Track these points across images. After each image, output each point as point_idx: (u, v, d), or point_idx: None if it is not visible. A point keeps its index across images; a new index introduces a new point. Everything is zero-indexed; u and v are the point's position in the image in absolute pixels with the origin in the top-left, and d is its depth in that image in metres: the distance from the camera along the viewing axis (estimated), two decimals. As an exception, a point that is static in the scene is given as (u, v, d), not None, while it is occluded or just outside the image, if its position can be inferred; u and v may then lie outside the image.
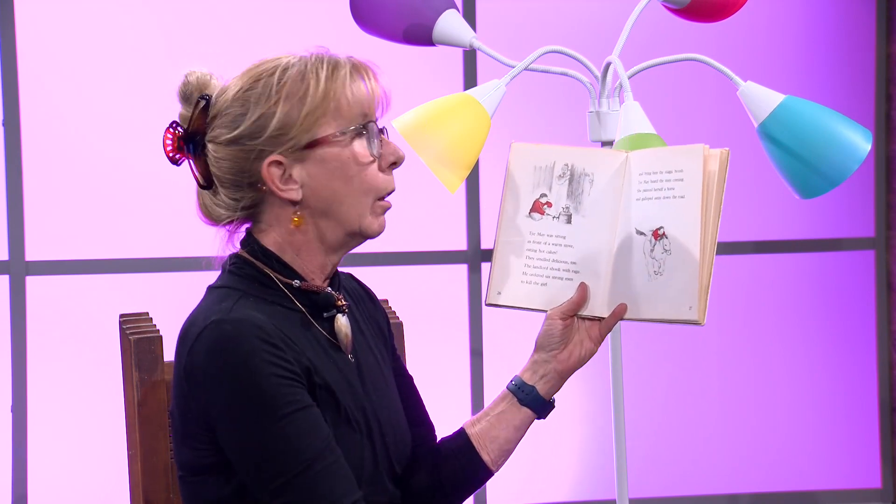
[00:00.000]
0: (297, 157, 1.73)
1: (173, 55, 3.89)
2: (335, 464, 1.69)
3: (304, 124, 1.72)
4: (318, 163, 1.73)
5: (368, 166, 1.75)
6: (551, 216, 1.89)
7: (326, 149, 1.73)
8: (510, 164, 1.92)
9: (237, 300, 1.72)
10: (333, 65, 1.74)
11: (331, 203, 1.74)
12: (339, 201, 1.74)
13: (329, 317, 1.79)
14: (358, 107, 1.74)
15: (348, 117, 1.74)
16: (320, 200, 1.74)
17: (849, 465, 4.31)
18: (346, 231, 1.76)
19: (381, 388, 1.84)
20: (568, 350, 1.85)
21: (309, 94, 1.72)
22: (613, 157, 1.88)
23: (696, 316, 1.77)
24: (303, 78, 1.73)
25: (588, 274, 1.85)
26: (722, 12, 2.53)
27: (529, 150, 1.92)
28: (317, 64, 1.74)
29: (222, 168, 1.75)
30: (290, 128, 1.72)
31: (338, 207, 1.74)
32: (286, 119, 1.72)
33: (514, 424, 1.87)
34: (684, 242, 1.78)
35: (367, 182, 1.75)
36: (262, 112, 1.72)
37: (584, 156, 1.89)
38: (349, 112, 1.74)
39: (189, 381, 1.70)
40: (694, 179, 1.78)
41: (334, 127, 1.73)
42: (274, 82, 1.73)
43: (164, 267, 3.92)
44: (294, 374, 1.68)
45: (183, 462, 1.76)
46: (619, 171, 1.86)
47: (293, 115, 1.72)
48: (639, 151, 1.87)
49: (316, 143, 1.73)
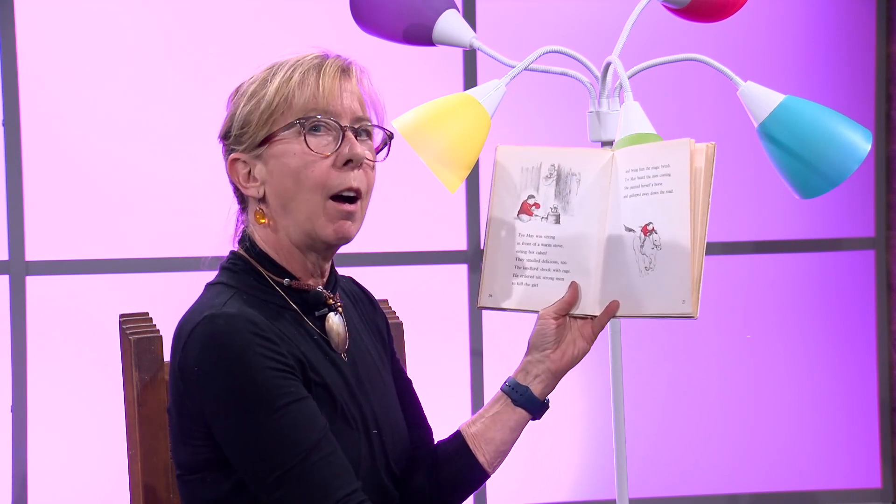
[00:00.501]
0: (256, 155, 1.76)
1: (173, 55, 3.89)
2: (332, 454, 1.69)
3: (260, 121, 1.75)
4: (272, 159, 1.76)
5: (316, 163, 1.74)
6: (540, 217, 1.89)
7: (277, 145, 1.75)
8: (496, 166, 1.93)
9: (230, 296, 1.73)
10: (301, 64, 1.76)
11: (285, 201, 1.76)
12: (290, 198, 1.76)
13: (321, 315, 1.80)
14: (311, 103, 1.75)
15: (301, 113, 1.75)
16: (277, 198, 1.76)
17: (849, 465, 4.31)
18: (303, 231, 1.76)
19: (378, 388, 1.85)
20: (561, 349, 1.85)
21: (267, 93, 1.75)
22: (599, 155, 1.88)
23: (690, 309, 1.77)
24: (272, 77, 1.76)
25: (578, 273, 1.85)
26: (722, 12, 2.52)
27: (515, 152, 1.92)
28: (284, 65, 1.77)
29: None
30: (249, 126, 1.76)
31: (292, 205, 1.76)
32: (248, 118, 1.76)
33: (510, 426, 1.87)
34: (674, 237, 1.78)
35: (314, 178, 1.74)
36: (232, 112, 1.79)
37: (571, 156, 1.89)
38: (302, 108, 1.75)
39: (184, 378, 1.70)
40: (681, 174, 1.79)
41: (284, 123, 1.75)
42: (247, 83, 1.78)
43: (164, 267, 3.92)
44: (288, 366, 1.69)
45: (181, 460, 1.76)
46: (605, 170, 1.87)
47: (253, 114, 1.76)
48: (625, 149, 1.87)
49: (268, 139, 1.75)
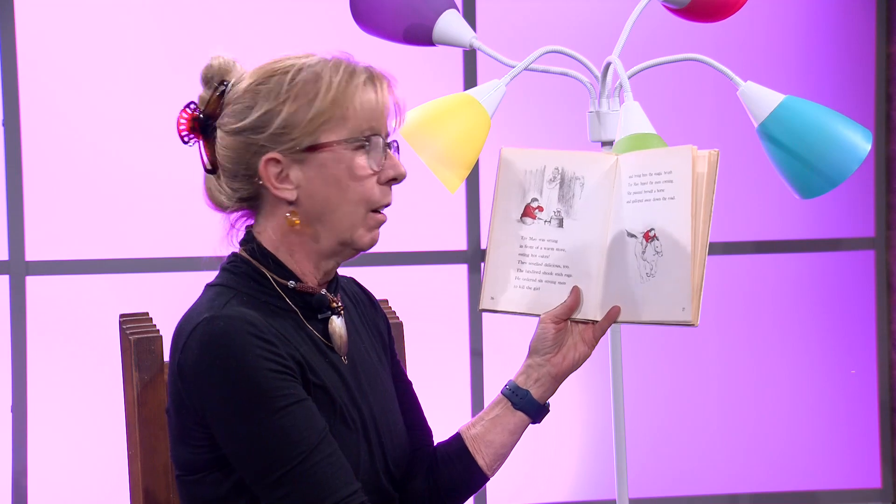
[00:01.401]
0: (296, 159, 1.73)
1: (173, 55, 3.89)
2: (332, 455, 1.69)
3: (308, 127, 1.72)
4: (316, 167, 1.73)
5: (366, 179, 1.74)
6: (543, 220, 1.89)
7: (326, 155, 1.73)
8: (500, 169, 1.92)
9: (230, 298, 1.72)
10: (349, 72, 1.74)
11: (324, 209, 1.74)
12: (331, 209, 1.74)
13: (323, 318, 1.79)
14: (365, 118, 1.74)
15: (354, 127, 1.73)
16: (314, 204, 1.74)
17: (849, 465, 4.31)
18: (338, 240, 1.76)
19: (377, 390, 1.84)
20: (561, 354, 1.85)
21: (318, 98, 1.72)
22: (603, 160, 1.88)
23: (690, 317, 1.77)
24: (315, 81, 1.72)
25: (580, 277, 1.85)
26: (722, 12, 2.53)
27: (520, 154, 1.92)
28: (333, 69, 1.73)
29: (224, 156, 1.76)
30: (294, 128, 1.72)
31: (330, 215, 1.74)
32: (291, 119, 1.72)
33: (509, 429, 1.87)
34: (675, 244, 1.78)
35: (362, 193, 1.74)
36: (269, 108, 1.73)
37: (574, 159, 1.89)
38: (356, 122, 1.73)
39: (183, 378, 1.70)
40: (683, 181, 1.78)
41: (338, 135, 1.73)
42: (286, 81, 1.73)
43: (164, 267, 3.92)
44: (287, 368, 1.69)
45: (180, 461, 1.76)
46: (608, 174, 1.86)
47: (299, 117, 1.72)
48: (628, 154, 1.87)
49: (317, 148, 1.73)
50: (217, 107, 1.77)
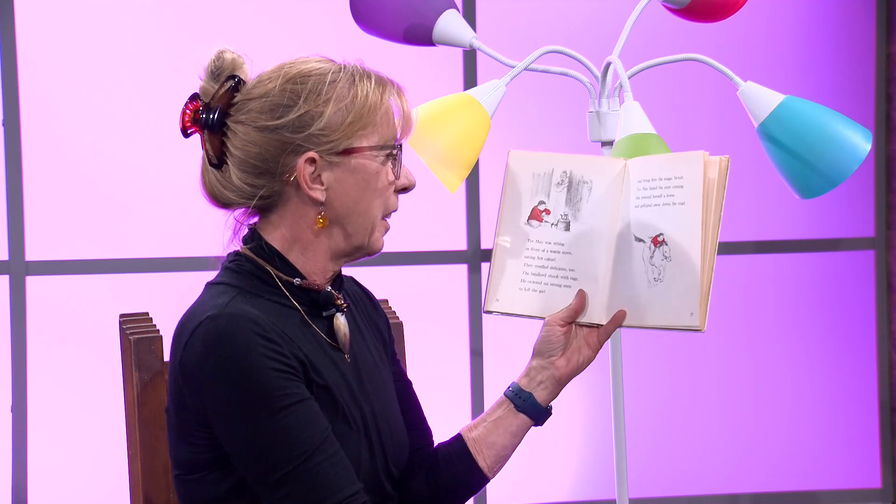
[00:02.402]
0: (331, 160, 1.74)
1: (173, 55, 3.89)
2: (334, 455, 1.69)
3: (347, 130, 1.73)
4: (348, 170, 1.74)
5: (389, 186, 1.78)
6: (550, 223, 1.89)
7: (361, 159, 1.75)
8: (508, 171, 1.92)
9: (233, 296, 1.72)
10: (381, 82, 1.77)
11: (349, 211, 1.75)
12: (357, 211, 1.76)
13: (328, 316, 1.80)
14: (396, 127, 1.78)
15: (386, 135, 1.76)
16: (341, 206, 1.75)
17: (849, 465, 4.31)
18: (354, 242, 1.77)
19: (378, 390, 1.84)
20: (566, 357, 1.85)
21: (357, 103, 1.73)
22: (612, 164, 1.88)
23: (698, 322, 1.77)
24: (352, 85, 1.74)
25: (586, 281, 1.85)
26: (722, 12, 2.52)
27: (528, 157, 1.92)
28: (365, 77, 1.76)
29: (249, 153, 1.74)
30: (333, 130, 1.73)
31: (354, 217, 1.76)
32: (331, 121, 1.73)
33: (511, 431, 1.87)
34: (685, 249, 1.78)
35: (384, 200, 1.78)
36: (309, 109, 1.73)
37: (583, 163, 1.89)
38: (388, 130, 1.77)
39: (184, 377, 1.70)
40: (694, 186, 1.78)
41: (370, 141, 1.75)
42: (325, 83, 1.73)
43: (164, 267, 3.92)
44: (291, 367, 1.69)
45: (179, 460, 1.76)
46: (617, 179, 1.86)
47: (338, 119, 1.73)
48: (637, 159, 1.86)
49: (352, 151, 1.74)
50: (227, 101, 1.75)
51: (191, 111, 1.77)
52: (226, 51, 1.77)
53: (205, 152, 1.77)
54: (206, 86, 1.77)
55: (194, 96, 1.77)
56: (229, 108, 1.75)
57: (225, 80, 1.76)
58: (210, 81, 1.77)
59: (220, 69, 1.76)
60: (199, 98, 1.77)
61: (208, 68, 1.77)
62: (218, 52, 1.77)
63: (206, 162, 1.78)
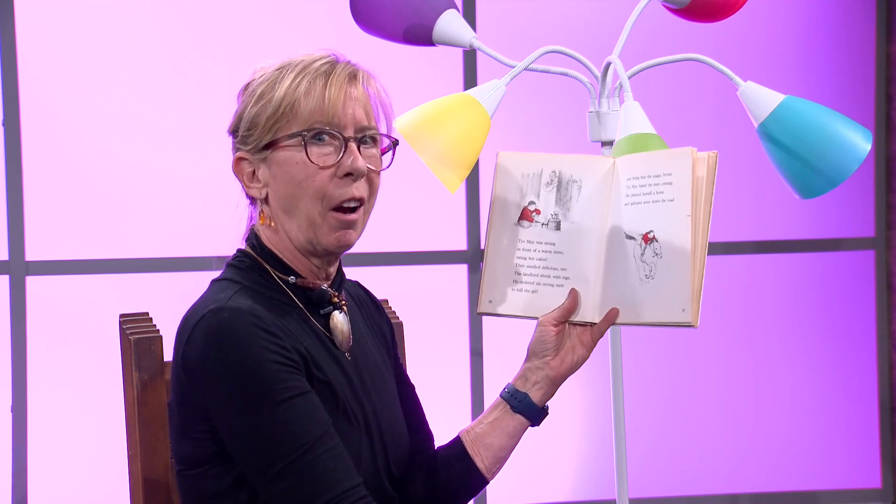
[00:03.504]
0: (261, 157, 1.77)
1: (172, 55, 3.89)
2: (335, 449, 1.69)
3: (266, 126, 1.76)
4: (275, 164, 1.76)
5: (317, 173, 1.75)
6: (540, 223, 1.89)
7: (281, 152, 1.76)
8: (497, 172, 1.93)
9: (235, 292, 1.74)
10: (305, 69, 1.76)
11: (287, 206, 1.77)
12: (292, 205, 1.76)
13: (325, 313, 1.80)
14: (316, 114, 1.75)
15: (305, 123, 1.75)
16: (279, 201, 1.77)
17: (849, 465, 4.31)
18: (305, 237, 1.77)
19: (380, 390, 1.85)
20: (560, 356, 1.86)
21: (274, 97, 1.75)
22: (600, 163, 1.88)
23: (690, 318, 1.77)
24: (274, 82, 1.76)
25: (578, 280, 1.85)
26: (722, 12, 2.52)
27: (516, 158, 1.92)
28: (293, 69, 1.77)
29: None
30: (256, 128, 1.76)
31: (293, 212, 1.77)
32: (254, 119, 1.77)
33: (508, 432, 1.88)
34: (675, 245, 1.78)
35: (314, 188, 1.75)
36: (240, 111, 1.79)
37: (572, 162, 1.89)
38: (306, 118, 1.75)
39: (186, 371, 1.71)
40: (683, 183, 1.79)
41: (289, 132, 1.76)
42: (255, 83, 1.78)
43: (164, 267, 3.92)
44: (292, 360, 1.69)
45: (182, 455, 1.76)
46: (606, 177, 1.87)
47: (260, 117, 1.76)
48: (626, 156, 1.87)
49: (272, 145, 1.76)
50: None
51: None
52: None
53: None
54: None
55: None
56: None
57: None
58: None
59: None
60: None
61: None
62: None
63: None
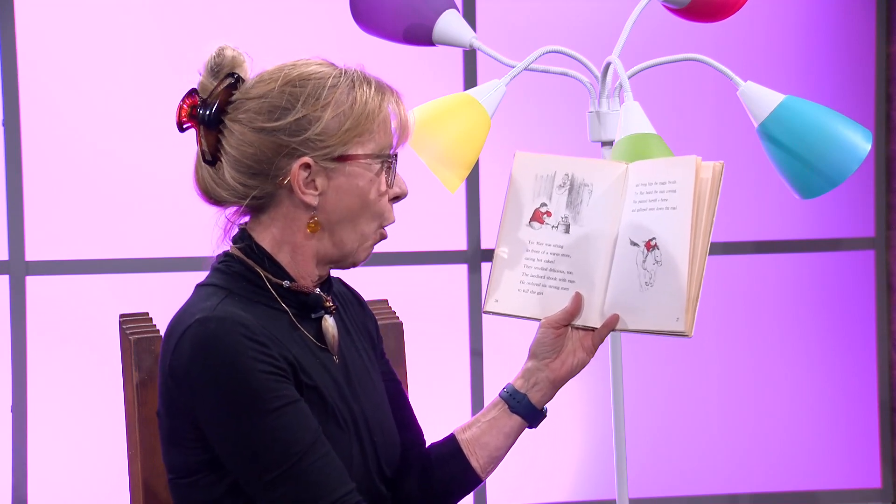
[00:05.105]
0: (326, 166, 1.73)
1: (173, 55, 3.89)
2: (326, 456, 1.69)
3: (343, 137, 1.72)
4: (343, 177, 1.73)
5: (384, 195, 1.76)
6: (550, 225, 1.89)
7: (355, 167, 1.74)
8: (513, 172, 1.92)
9: (222, 299, 1.71)
10: (380, 88, 1.75)
11: (341, 219, 1.75)
12: (349, 219, 1.75)
13: (316, 318, 1.79)
14: (390, 136, 1.76)
15: (382, 143, 1.75)
16: (333, 213, 1.74)
17: (849, 465, 4.31)
18: (343, 250, 1.76)
19: (368, 390, 1.84)
20: (560, 359, 1.86)
21: (355, 109, 1.72)
22: (613, 167, 1.88)
23: (684, 327, 1.77)
24: (351, 90, 1.73)
25: (583, 284, 1.85)
26: (722, 12, 2.52)
27: (532, 159, 1.93)
28: (365, 82, 1.74)
29: (244, 153, 1.73)
30: (330, 136, 1.72)
31: (345, 224, 1.75)
32: (328, 126, 1.72)
33: (505, 432, 1.87)
34: (674, 253, 1.78)
35: (379, 209, 1.76)
36: (307, 113, 1.72)
37: (586, 166, 1.90)
38: (384, 138, 1.75)
39: (175, 380, 1.70)
40: (685, 191, 1.78)
41: (366, 149, 1.74)
42: (325, 87, 1.72)
43: (164, 267, 3.92)
44: (280, 369, 1.68)
45: (173, 464, 1.75)
46: (617, 182, 1.87)
47: (335, 125, 1.72)
48: (638, 162, 1.87)
49: (347, 158, 1.73)
50: (225, 98, 1.74)
51: (188, 106, 1.75)
52: (227, 47, 1.76)
53: (199, 148, 1.76)
54: (204, 81, 1.76)
55: (192, 91, 1.76)
56: (227, 105, 1.74)
57: (224, 77, 1.74)
58: (209, 77, 1.75)
59: (220, 66, 1.75)
60: (197, 93, 1.76)
61: (208, 64, 1.75)
62: (219, 48, 1.76)
63: (201, 158, 1.76)
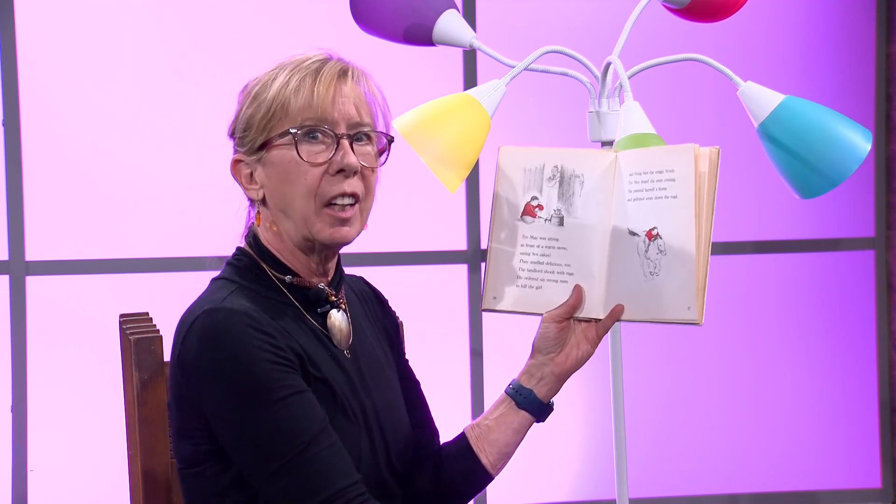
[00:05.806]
0: (257, 158, 1.78)
1: (173, 55, 3.89)
2: (332, 446, 1.70)
3: (259, 126, 1.77)
4: (270, 164, 1.77)
5: (308, 170, 1.75)
6: (543, 219, 1.89)
7: (274, 151, 1.77)
8: (499, 167, 1.92)
9: (231, 291, 1.75)
10: (298, 68, 1.77)
11: (283, 205, 1.78)
12: (287, 204, 1.77)
13: (323, 312, 1.80)
14: (306, 112, 1.75)
15: (296, 121, 1.76)
16: (275, 201, 1.78)
17: (849, 465, 4.31)
18: (301, 235, 1.78)
19: (381, 386, 1.85)
20: (565, 352, 1.86)
21: (267, 98, 1.76)
22: (602, 157, 1.88)
23: (696, 316, 1.77)
24: (269, 81, 1.77)
25: (583, 276, 1.85)
26: (722, 12, 2.52)
27: (518, 152, 1.92)
28: (285, 67, 1.78)
29: None
30: (251, 129, 1.78)
31: (289, 210, 1.77)
32: (249, 121, 1.78)
33: (513, 428, 1.88)
34: (679, 243, 1.78)
35: (307, 185, 1.76)
36: (237, 114, 1.80)
37: (574, 157, 1.89)
38: (299, 115, 1.76)
39: (183, 371, 1.72)
40: (686, 179, 1.78)
41: (283, 129, 1.76)
42: (252, 82, 1.79)
43: (164, 267, 3.92)
44: (287, 360, 1.70)
45: (182, 455, 1.77)
46: (608, 172, 1.86)
47: (254, 118, 1.77)
48: (628, 151, 1.86)
49: (266, 145, 1.77)
50: None
51: None
52: None
53: None
54: None
55: None
56: None
57: None
58: None
59: None
60: None
61: None
62: None
63: None
